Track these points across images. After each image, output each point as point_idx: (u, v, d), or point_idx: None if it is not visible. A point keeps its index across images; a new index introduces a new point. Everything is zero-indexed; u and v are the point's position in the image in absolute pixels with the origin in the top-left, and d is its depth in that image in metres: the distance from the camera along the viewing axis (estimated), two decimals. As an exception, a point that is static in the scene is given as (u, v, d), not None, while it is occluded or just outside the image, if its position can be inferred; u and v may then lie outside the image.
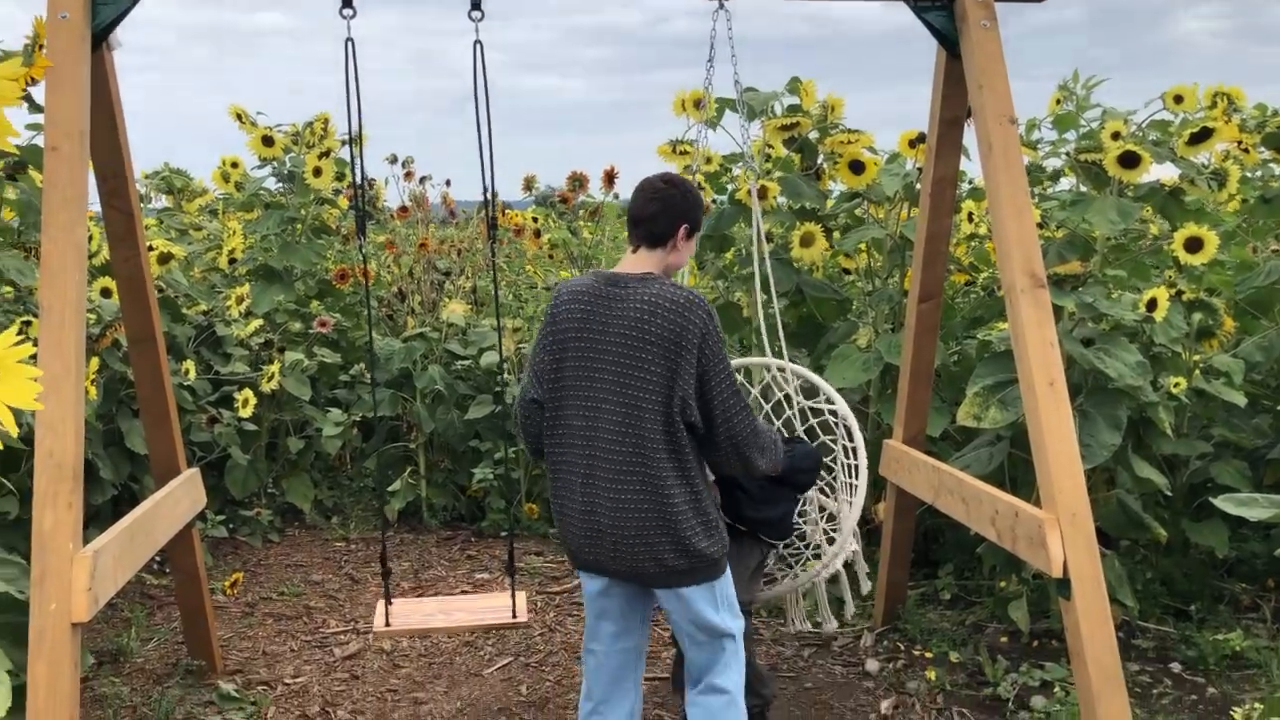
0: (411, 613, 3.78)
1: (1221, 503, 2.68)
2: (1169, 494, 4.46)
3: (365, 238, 3.72)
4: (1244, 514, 2.68)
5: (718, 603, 2.98)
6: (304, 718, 3.94)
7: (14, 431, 1.80)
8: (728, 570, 3.02)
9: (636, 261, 2.94)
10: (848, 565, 3.63)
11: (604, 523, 2.86)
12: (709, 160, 5.16)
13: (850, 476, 3.74)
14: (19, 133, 2.10)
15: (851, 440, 3.74)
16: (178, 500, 3.70)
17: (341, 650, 4.52)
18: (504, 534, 5.91)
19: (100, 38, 3.23)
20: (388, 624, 3.66)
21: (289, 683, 4.23)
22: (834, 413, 3.82)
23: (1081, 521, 3.04)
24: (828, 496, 3.96)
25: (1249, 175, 5.49)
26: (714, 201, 5.39)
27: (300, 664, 4.40)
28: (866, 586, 3.69)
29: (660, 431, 2.79)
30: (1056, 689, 3.89)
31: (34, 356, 1.96)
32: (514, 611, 3.69)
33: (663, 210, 2.91)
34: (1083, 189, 4.47)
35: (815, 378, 3.91)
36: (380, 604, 3.73)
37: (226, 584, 4.98)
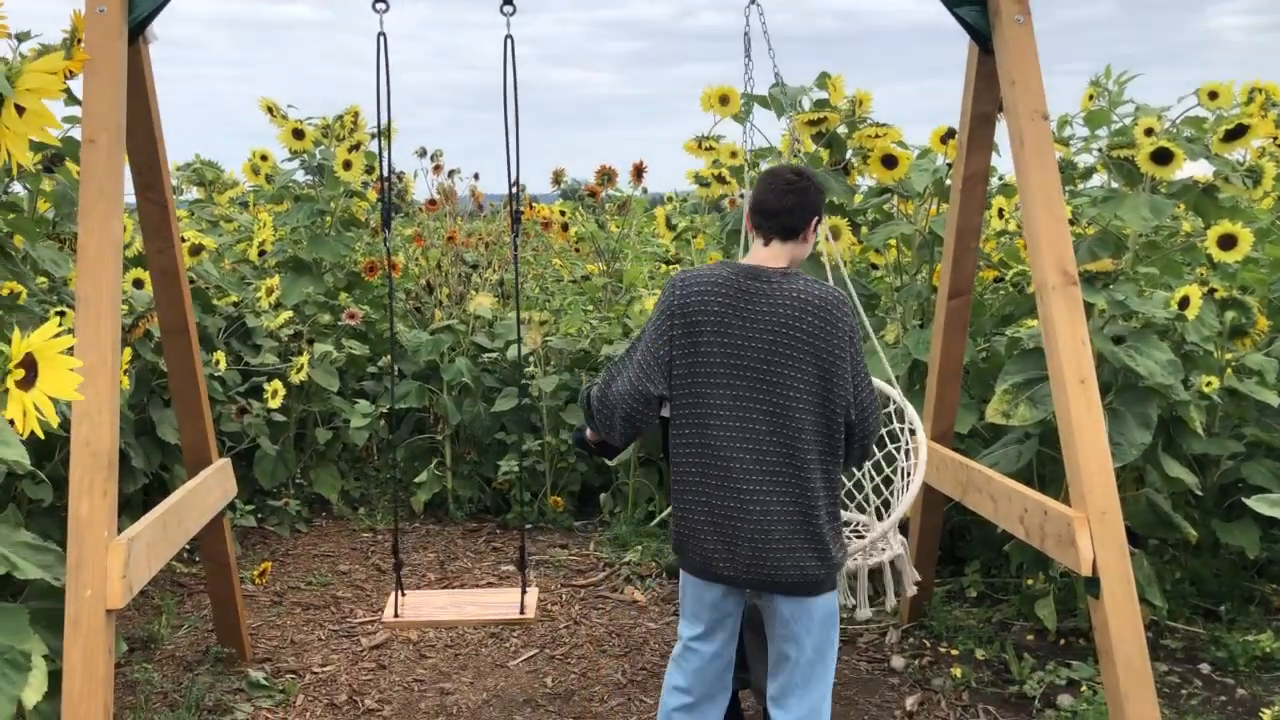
0: (422, 605, 3.83)
1: (1254, 503, 2.66)
2: (1199, 493, 4.42)
3: (390, 231, 3.77)
4: (1277, 515, 2.67)
5: (833, 615, 2.94)
6: (332, 706, 3.98)
7: (54, 421, 1.83)
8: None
9: (771, 255, 2.88)
10: (892, 564, 3.50)
11: (745, 529, 2.77)
12: (734, 155, 5.15)
13: (905, 474, 3.61)
14: (61, 125, 2.13)
15: (914, 438, 3.55)
16: (209, 489, 3.74)
17: (369, 640, 4.56)
18: (529, 526, 5.95)
19: (136, 31, 3.26)
20: (396, 615, 3.71)
21: (317, 671, 4.27)
22: (898, 413, 3.66)
23: (1111, 520, 3.02)
24: (885, 489, 3.84)
25: (1285, 172, 5.44)
26: (742, 196, 5.38)
27: (328, 653, 4.45)
28: (911, 590, 3.51)
29: (811, 433, 2.75)
30: (1084, 688, 3.88)
31: (73, 348, 1.99)
32: (522, 607, 3.72)
33: (798, 203, 2.86)
34: (1114, 185, 4.43)
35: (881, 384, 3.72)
36: (392, 594, 3.77)
37: (255, 573, 5.03)
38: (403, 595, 3.75)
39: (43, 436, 1.68)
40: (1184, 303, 4.12)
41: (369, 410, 6.14)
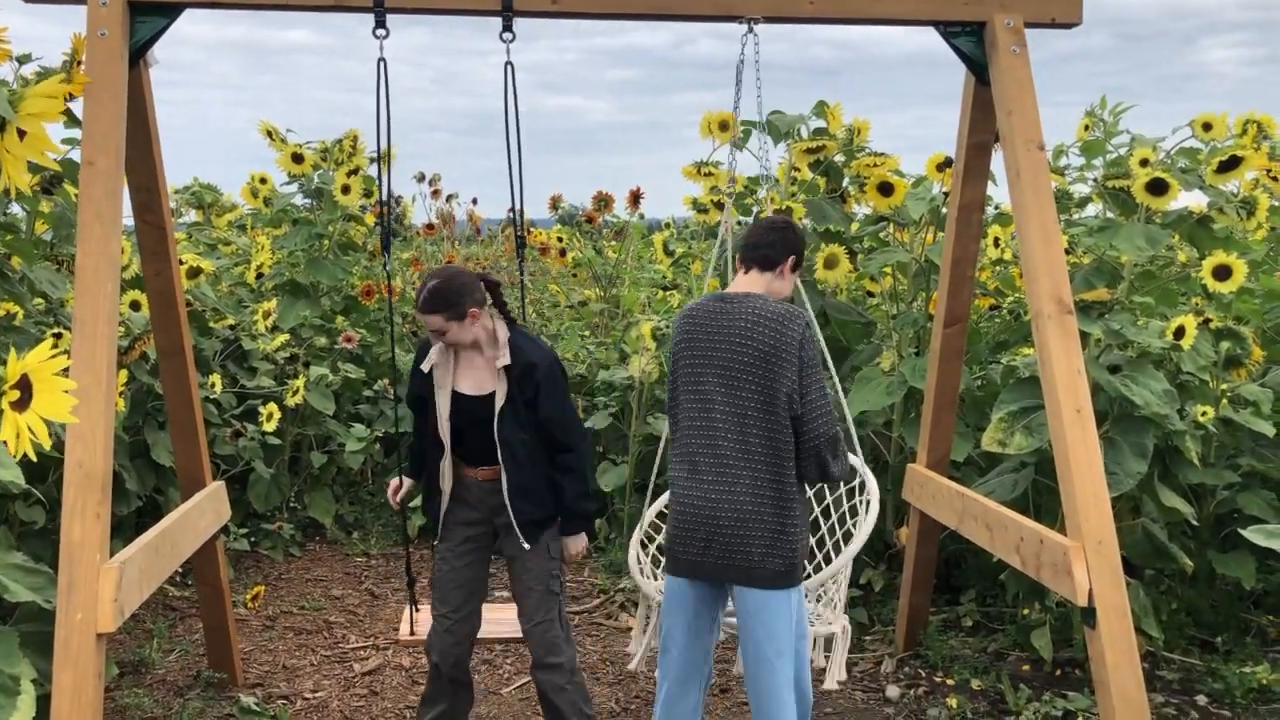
0: (429, 622, 3.80)
1: (1251, 534, 2.66)
2: (1195, 523, 4.42)
3: (389, 255, 3.77)
4: (1274, 545, 2.67)
5: (787, 613, 3.04)
6: (323, 733, 3.95)
7: (47, 444, 1.82)
8: (802, 589, 3.11)
9: (746, 282, 3.22)
10: (829, 640, 3.46)
11: (700, 516, 3.05)
12: (734, 181, 5.17)
13: (861, 510, 3.69)
14: (60, 149, 2.13)
15: (864, 493, 3.69)
16: (203, 513, 3.72)
17: (361, 666, 4.53)
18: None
19: (137, 55, 3.28)
20: (412, 633, 3.68)
21: (309, 697, 4.24)
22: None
23: (1108, 549, 3.01)
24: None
25: (1277, 204, 5.47)
26: (739, 223, 5.40)
27: (320, 678, 4.41)
28: (838, 675, 3.43)
29: (759, 429, 3.01)
30: (1080, 719, 3.85)
31: (68, 369, 1.99)
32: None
33: (780, 239, 3.23)
34: (1110, 215, 4.45)
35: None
36: (406, 610, 3.74)
37: (248, 597, 5.00)
38: (416, 611, 3.71)
39: (35, 459, 1.68)
40: (1179, 333, 4.13)
41: (364, 434, 6.12)
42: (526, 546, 3.35)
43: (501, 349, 3.30)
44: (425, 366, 3.36)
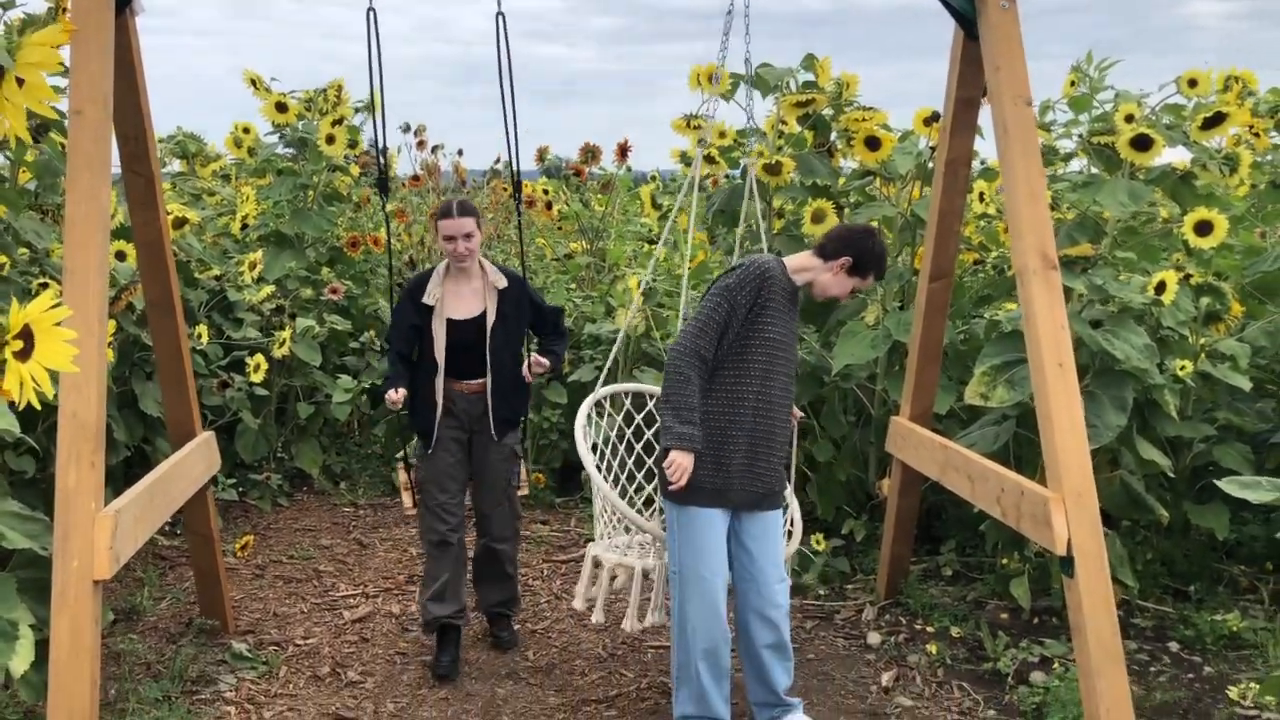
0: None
1: (1225, 485, 2.73)
2: (1172, 476, 4.50)
3: (387, 196, 4.02)
4: (1247, 496, 2.73)
5: (669, 527, 3.48)
6: (315, 678, 4.01)
7: (50, 392, 1.84)
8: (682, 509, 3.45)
9: (803, 257, 3.53)
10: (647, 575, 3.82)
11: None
12: (723, 135, 5.17)
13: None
14: (58, 97, 2.12)
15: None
16: (194, 463, 3.75)
17: (351, 613, 4.59)
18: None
19: (124, 2, 3.24)
20: (414, 505, 4.13)
21: (300, 644, 4.30)
22: None
23: (1087, 500, 3.08)
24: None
25: (1260, 160, 5.51)
26: (726, 176, 5.41)
27: (310, 625, 4.47)
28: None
29: None
30: (1056, 665, 3.95)
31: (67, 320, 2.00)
32: (519, 484, 4.20)
33: (848, 238, 3.49)
34: (1094, 171, 4.48)
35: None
36: (406, 494, 4.13)
37: (237, 546, 5.05)
38: (416, 493, 4.10)
39: (39, 407, 1.70)
40: (1160, 288, 4.18)
41: (351, 385, 6.14)
42: (497, 439, 4.02)
43: (495, 274, 4.00)
44: (429, 300, 3.95)
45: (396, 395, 3.88)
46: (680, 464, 3.28)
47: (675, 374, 3.31)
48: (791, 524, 3.91)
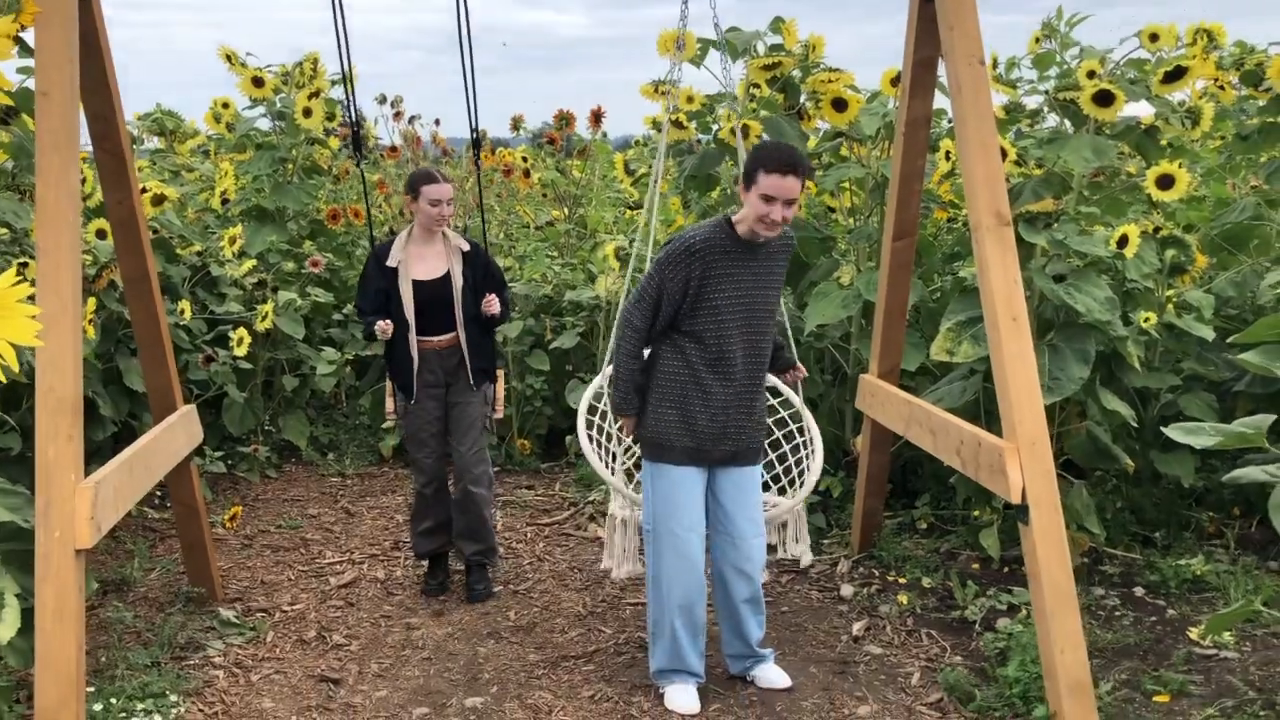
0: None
1: (1171, 431, 2.82)
2: (1137, 425, 4.58)
3: (363, 155, 4.24)
4: (1191, 442, 2.83)
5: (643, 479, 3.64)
6: (301, 642, 4.11)
7: (14, 366, 1.92)
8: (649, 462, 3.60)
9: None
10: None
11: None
12: (690, 99, 5.21)
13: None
14: (11, 84, 2.18)
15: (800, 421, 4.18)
16: (175, 435, 3.83)
17: (337, 579, 4.69)
18: (495, 470, 6.07)
19: (86, -17, 3.28)
20: (394, 411, 4.44)
21: (286, 610, 4.40)
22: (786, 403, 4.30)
23: (1040, 450, 3.16)
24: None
25: (1231, 112, 5.56)
26: (698, 141, 5.46)
27: (297, 592, 4.58)
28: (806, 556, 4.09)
29: None
30: (1022, 611, 4.06)
31: (32, 296, 2.07)
32: (493, 406, 4.53)
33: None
34: (1063, 126, 4.53)
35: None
36: (389, 400, 4.43)
37: (226, 517, 5.14)
38: (407, 399, 4.36)
39: (5, 381, 1.77)
40: (1123, 242, 4.25)
41: (335, 357, 6.22)
42: (475, 385, 4.36)
43: (456, 238, 4.35)
44: (392, 263, 4.24)
45: (384, 323, 4.16)
46: (625, 425, 3.67)
47: (616, 344, 3.57)
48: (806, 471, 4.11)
